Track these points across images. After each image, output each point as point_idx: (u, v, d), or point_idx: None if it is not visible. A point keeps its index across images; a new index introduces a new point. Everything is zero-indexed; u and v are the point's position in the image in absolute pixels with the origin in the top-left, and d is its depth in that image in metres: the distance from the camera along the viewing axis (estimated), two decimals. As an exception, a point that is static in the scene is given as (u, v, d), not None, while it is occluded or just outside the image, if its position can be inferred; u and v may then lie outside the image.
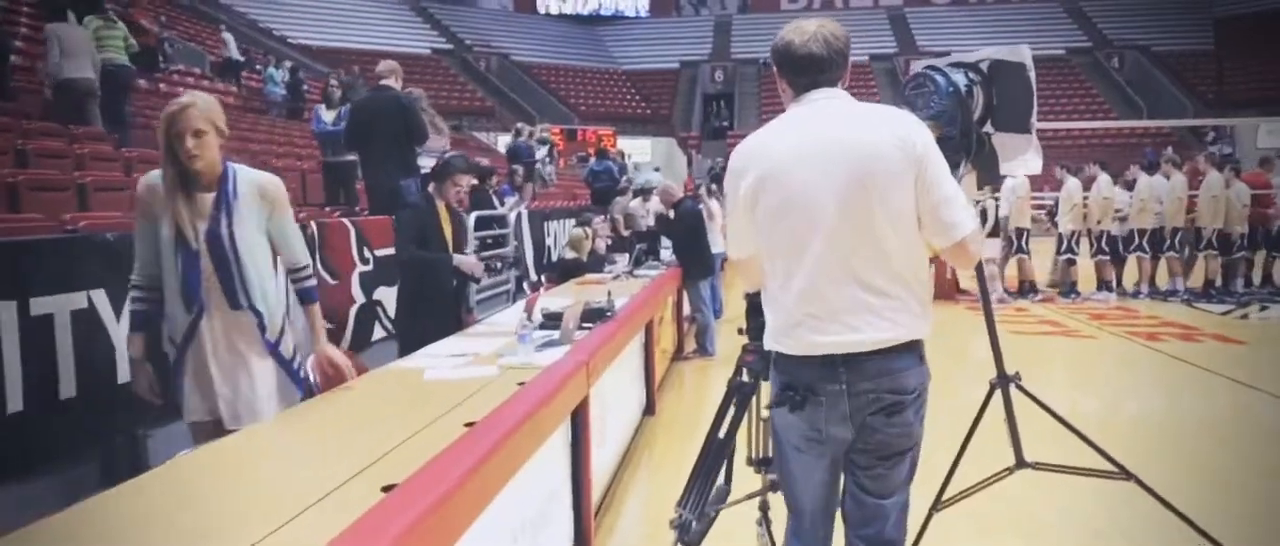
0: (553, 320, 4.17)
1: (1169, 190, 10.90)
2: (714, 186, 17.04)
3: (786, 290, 2.19)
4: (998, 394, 3.37)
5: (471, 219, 7.56)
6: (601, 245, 9.52)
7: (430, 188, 4.61)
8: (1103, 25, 39.07)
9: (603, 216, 9.82)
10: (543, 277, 8.33)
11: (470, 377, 3.18)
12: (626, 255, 8.57)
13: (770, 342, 2.27)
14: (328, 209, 7.61)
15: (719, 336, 7.93)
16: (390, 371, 3.44)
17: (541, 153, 13.98)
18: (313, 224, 4.98)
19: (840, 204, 2.09)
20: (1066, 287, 11.50)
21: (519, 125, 16.35)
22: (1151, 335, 8.84)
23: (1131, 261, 11.35)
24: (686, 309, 8.14)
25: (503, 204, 9.85)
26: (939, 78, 2.66)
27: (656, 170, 18.98)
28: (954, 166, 2.44)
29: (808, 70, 2.18)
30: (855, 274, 2.11)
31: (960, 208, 2.12)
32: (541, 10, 42.66)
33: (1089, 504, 3.97)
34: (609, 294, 4.75)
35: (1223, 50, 35.08)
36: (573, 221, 8.93)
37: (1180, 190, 10.93)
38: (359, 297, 5.56)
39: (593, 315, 4.36)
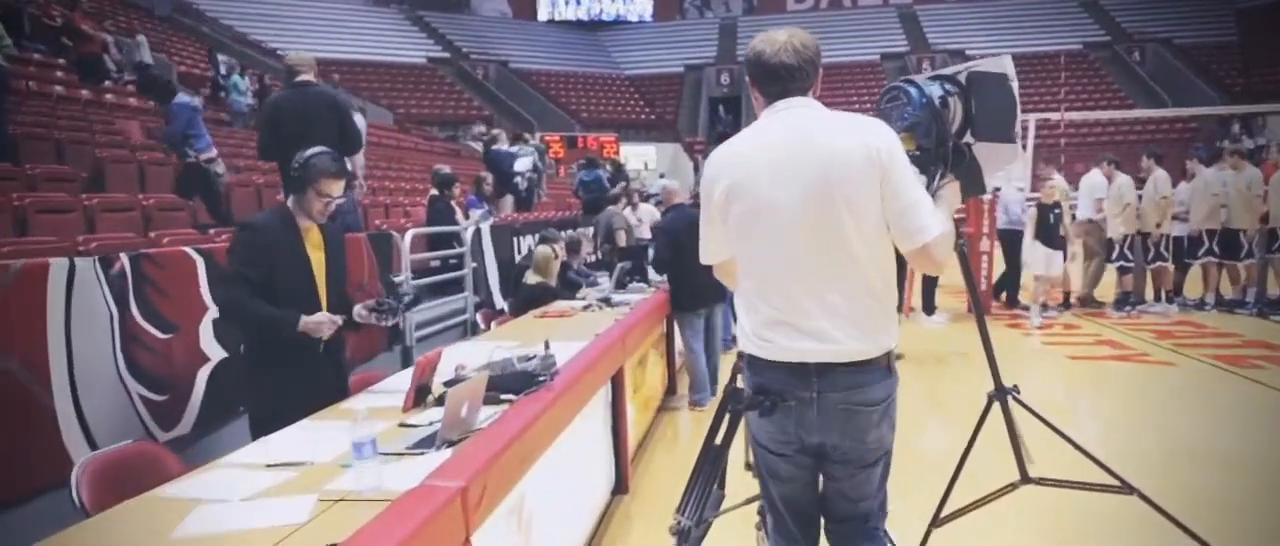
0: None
1: (1243, 185, 9.42)
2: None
3: (759, 295, 2.25)
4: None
5: (407, 238, 6.22)
6: (586, 258, 8.18)
7: (290, 201, 3.27)
8: (1121, 19, 37.82)
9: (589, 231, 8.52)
10: (507, 306, 6.98)
11: (254, 528, 1.84)
12: (608, 275, 7.23)
13: (744, 345, 2.31)
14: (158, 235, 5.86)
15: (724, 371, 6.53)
16: (131, 509, 2.11)
17: (524, 164, 12.60)
18: (122, 257, 3.60)
19: (807, 212, 2.13)
20: (1122, 299, 10.08)
21: (494, 131, 15.04)
22: (1236, 358, 7.41)
23: (1193, 268, 9.94)
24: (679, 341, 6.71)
25: (467, 217, 8.53)
26: (912, 89, 2.59)
27: (662, 177, 17.64)
28: (931, 178, 2.44)
29: (778, 79, 2.22)
30: (825, 281, 2.15)
31: (926, 212, 2.13)
32: (541, 16, 41.53)
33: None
34: (546, 348, 3.38)
35: (1247, 41, 33.97)
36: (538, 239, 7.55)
37: (1256, 185, 9.45)
38: (212, 354, 4.12)
39: (514, 383, 3.01)
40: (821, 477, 2.36)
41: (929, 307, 10.00)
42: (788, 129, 2.19)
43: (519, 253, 8.37)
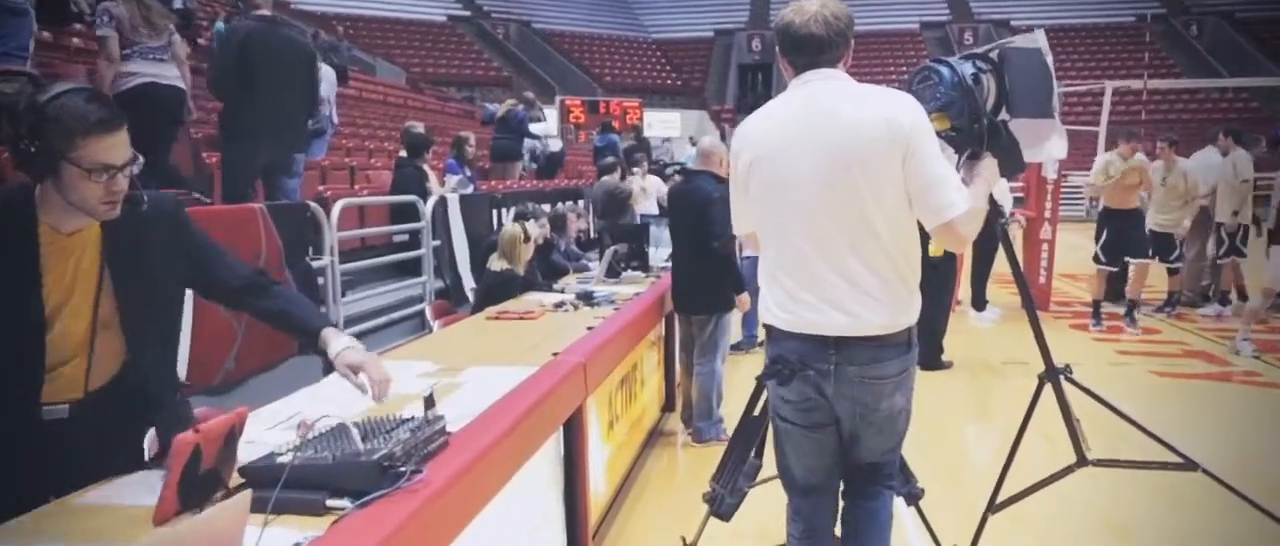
0: (310, 475, 1.68)
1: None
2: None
3: (781, 267, 2.25)
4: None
5: (335, 210, 4.95)
6: (575, 237, 6.92)
7: (39, 190, 1.99)
8: (1179, -11, 35.88)
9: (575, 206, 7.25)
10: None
11: None
12: (599, 260, 5.97)
13: (765, 315, 2.33)
14: None
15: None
16: None
17: (542, 128, 11.41)
18: None
19: (827, 185, 2.13)
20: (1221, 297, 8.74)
21: (527, 95, 13.84)
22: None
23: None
24: (681, 352, 5.32)
25: (442, 184, 7.28)
26: (943, 69, 2.54)
27: (692, 143, 16.34)
28: (967, 157, 2.46)
29: (807, 50, 2.20)
30: (846, 254, 2.15)
31: (951, 189, 2.11)
32: (567, -24, 40.19)
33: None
34: (430, 395, 2.10)
35: (1314, 13, 31.97)
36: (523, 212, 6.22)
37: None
38: None
39: (352, 479, 1.74)
40: (838, 437, 2.37)
41: (979, 302, 8.67)
42: (813, 101, 2.18)
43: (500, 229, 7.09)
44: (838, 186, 2.11)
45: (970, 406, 5.72)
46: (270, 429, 2.35)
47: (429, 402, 2.04)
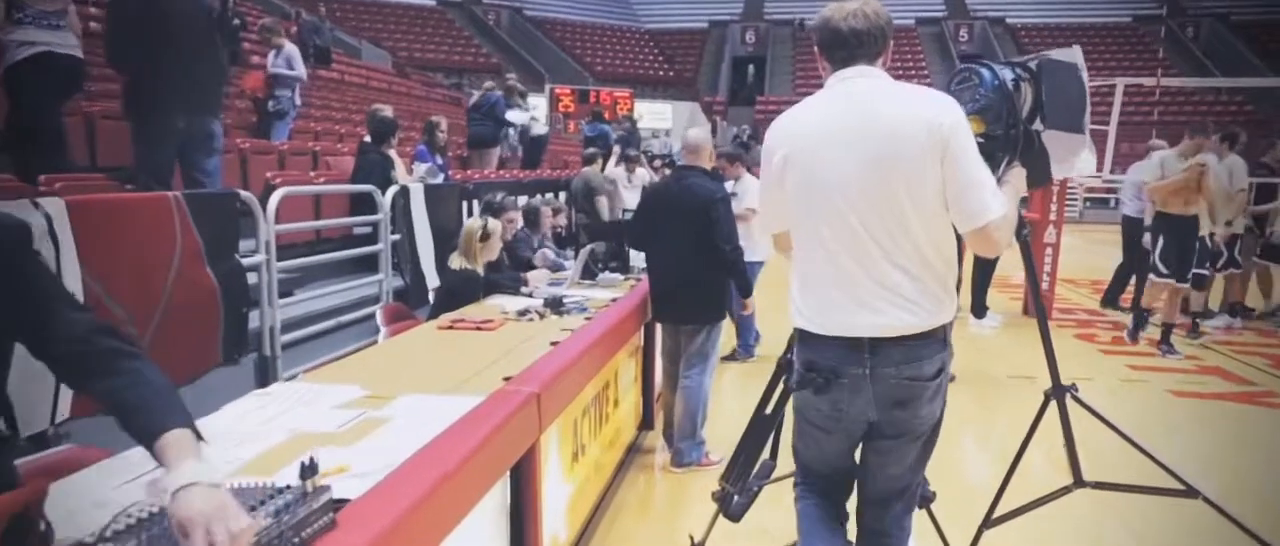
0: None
1: None
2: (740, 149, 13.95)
3: (812, 267, 2.20)
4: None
5: (273, 200, 4.42)
6: (549, 232, 6.42)
7: None
8: (1175, -9, 35.54)
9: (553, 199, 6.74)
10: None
11: None
12: (574, 258, 5.46)
13: (797, 319, 2.27)
14: None
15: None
16: None
17: (519, 116, 10.87)
18: None
19: (862, 183, 2.08)
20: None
21: (509, 79, 13.31)
22: None
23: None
24: (666, 363, 4.83)
25: (410, 172, 6.77)
26: (984, 71, 2.50)
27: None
28: (996, 164, 2.35)
29: (846, 45, 2.15)
30: (880, 255, 2.10)
31: (989, 193, 2.06)
32: (560, -38, 39.56)
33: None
34: (310, 462, 1.57)
35: (1310, 16, 31.75)
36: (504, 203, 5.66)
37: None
38: None
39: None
40: (861, 451, 2.36)
41: (979, 309, 8.22)
42: (850, 98, 2.13)
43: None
44: (874, 185, 2.06)
45: (973, 426, 5.26)
46: (128, 483, 1.87)
47: (307, 470, 1.54)
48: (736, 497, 2.74)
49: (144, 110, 4.35)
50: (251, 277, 4.26)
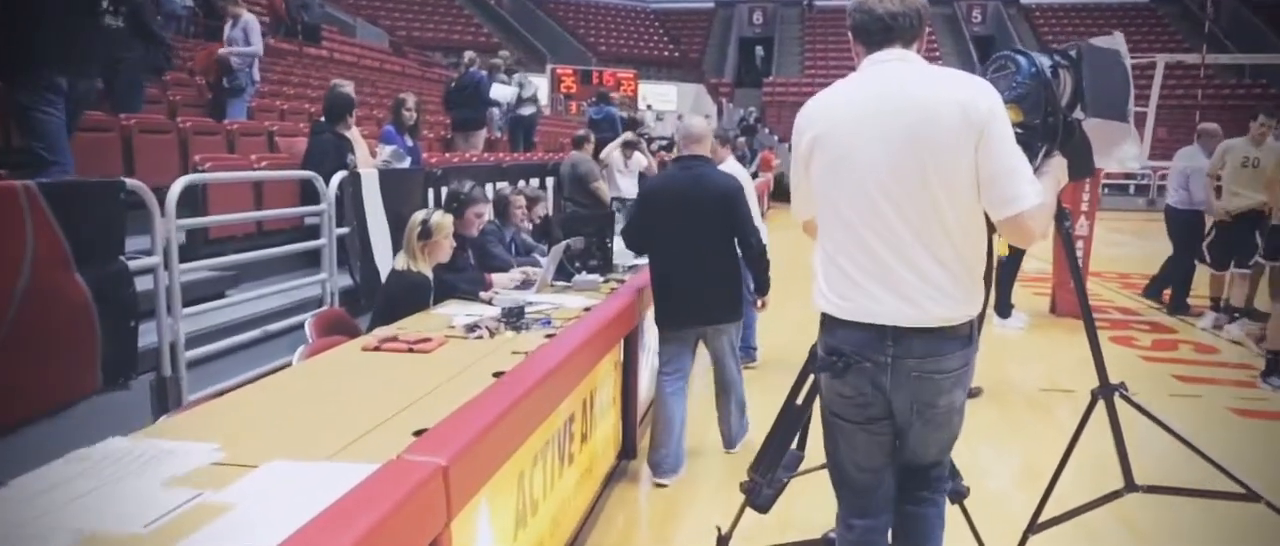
0: None
1: None
2: (743, 138, 13.25)
3: (840, 252, 2.15)
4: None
5: (173, 192, 3.70)
6: (525, 224, 5.73)
7: None
8: (1196, -33, 34.65)
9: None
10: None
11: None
12: (547, 257, 4.76)
13: (821, 303, 2.22)
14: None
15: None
16: None
17: (505, 93, 10.18)
18: None
19: (893, 168, 2.03)
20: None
21: (501, 55, 12.60)
22: None
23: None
24: (650, 381, 4.27)
25: (374, 155, 6.06)
26: (1022, 58, 2.44)
27: (680, 120, 15.14)
28: (1034, 155, 2.29)
29: (883, 27, 2.11)
30: (911, 241, 2.05)
31: (1024, 181, 2.02)
32: (563, -60, 38.72)
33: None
34: None
35: (1336, -6, 30.87)
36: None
37: None
38: None
39: None
40: (892, 433, 2.28)
41: (1004, 307, 7.51)
42: (882, 81, 2.09)
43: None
44: (906, 170, 2.02)
45: (1005, 450, 4.59)
46: None
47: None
48: (765, 489, 2.69)
49: (25, 76, 3.66)
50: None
